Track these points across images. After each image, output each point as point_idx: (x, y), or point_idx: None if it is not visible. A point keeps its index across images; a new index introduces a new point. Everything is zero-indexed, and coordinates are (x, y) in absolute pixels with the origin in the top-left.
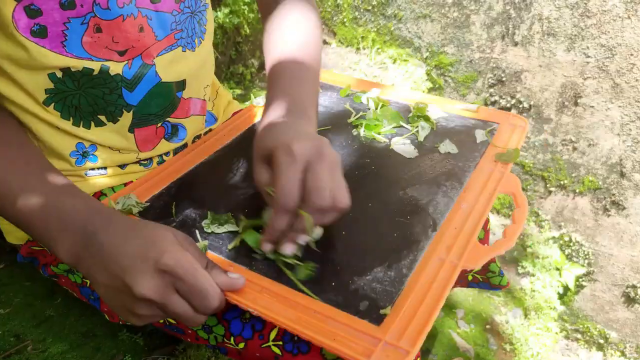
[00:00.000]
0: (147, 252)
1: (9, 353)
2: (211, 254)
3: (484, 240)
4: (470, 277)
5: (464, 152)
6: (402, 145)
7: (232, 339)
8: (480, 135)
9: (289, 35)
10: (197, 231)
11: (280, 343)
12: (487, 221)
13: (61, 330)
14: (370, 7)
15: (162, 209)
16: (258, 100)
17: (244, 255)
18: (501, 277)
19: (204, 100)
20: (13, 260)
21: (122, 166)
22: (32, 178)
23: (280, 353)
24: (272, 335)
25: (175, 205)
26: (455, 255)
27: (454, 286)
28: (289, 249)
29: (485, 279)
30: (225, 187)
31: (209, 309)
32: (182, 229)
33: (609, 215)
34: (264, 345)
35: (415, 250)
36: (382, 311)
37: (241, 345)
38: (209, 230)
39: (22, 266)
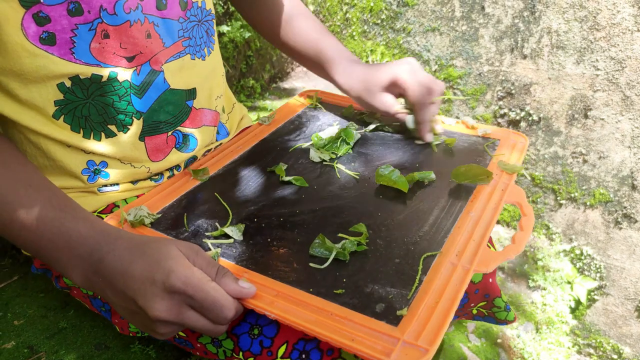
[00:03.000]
0: (154, 274)
1: None
2: (224, 261)
3: None
4: (475, 311)
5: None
6: None
7: (240, 354)
8: (482, 149)
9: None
10: (209, 241)
11: None
12: (490, 238)
13: (74, 342)
14: (379, 21)
15: (174, 219)
16: (264, 119)
17: (258, 262)
18: (507, 312)
19: (216, 111)
20: (27, 272)
21: (133, 182)
22: (36, 202)
23: None
24: (280, 352)
25: (186, 216)
26: (467, 260)
27: (459, 317)
28: (439, 126)
29: (490, 314)
30: (235, 199)
31: (226, 319)
32: (194, 239)
33: (620, 229)
34: None
35: (428, 256)
36: (398, 312)
37: None
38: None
39: (35, 278)
